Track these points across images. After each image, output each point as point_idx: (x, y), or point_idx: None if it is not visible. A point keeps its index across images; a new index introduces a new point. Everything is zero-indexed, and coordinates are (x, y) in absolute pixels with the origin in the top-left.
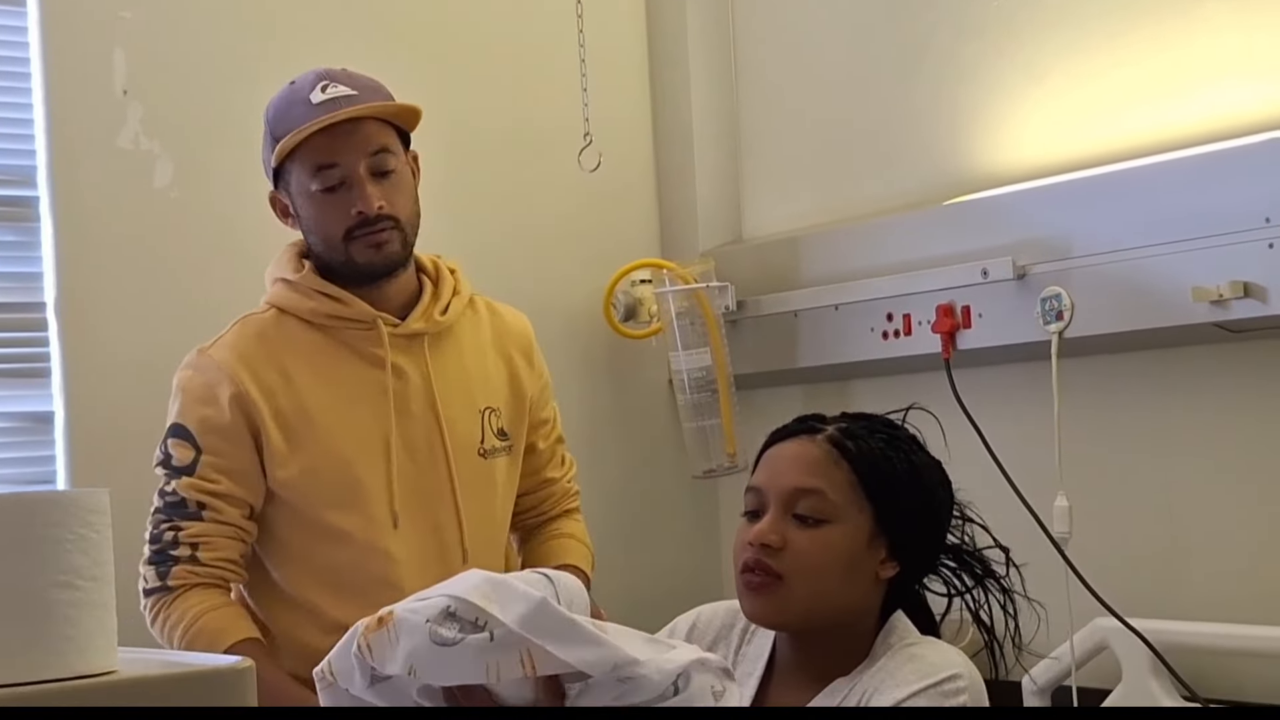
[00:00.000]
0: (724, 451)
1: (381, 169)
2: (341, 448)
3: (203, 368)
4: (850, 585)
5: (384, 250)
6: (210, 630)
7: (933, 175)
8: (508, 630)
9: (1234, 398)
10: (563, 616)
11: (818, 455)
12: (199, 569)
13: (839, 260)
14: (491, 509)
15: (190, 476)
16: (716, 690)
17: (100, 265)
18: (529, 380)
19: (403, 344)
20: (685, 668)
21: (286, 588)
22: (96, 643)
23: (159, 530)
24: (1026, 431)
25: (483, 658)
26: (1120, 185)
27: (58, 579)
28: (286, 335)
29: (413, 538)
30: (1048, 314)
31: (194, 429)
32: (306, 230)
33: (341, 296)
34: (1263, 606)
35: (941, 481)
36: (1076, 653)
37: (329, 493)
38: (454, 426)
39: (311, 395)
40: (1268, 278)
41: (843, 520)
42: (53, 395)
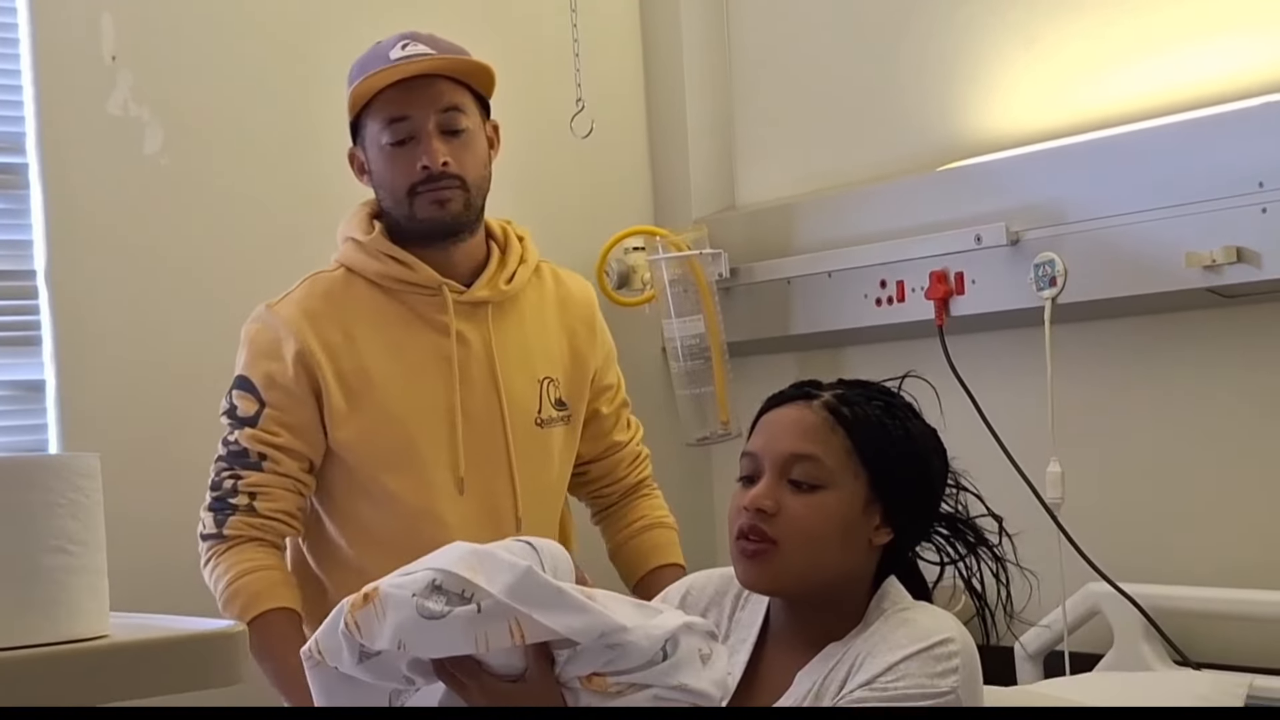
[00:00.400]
0: (717, 419)
1: (451, 127)
2: (400, 412)
3: (269, 323)
4: (844, 552)
5: (446, 208)
6: (248, 592)
7: (926, 141)
8: (495, 601)
9: (1227, 363)
10: (549, 585)
11: (814, 421)
12: (255, 520)
13: (832, 227)
14: (547, 478)
15: (253, 428)
16: (704, 653)
17: (90, 232)
18: (590, 350)
19: (467, 311)
20: (673, 633)
21: (343, 548)
22: (88, 607)
23: (220, 478)
24: (1019, 397)
25: (471, 629)
26: (1114, 150)
27: (49, 543)
28: (353, 296)
29: (467, 504)
30: (1041, 280)
31: (258, 382)
32: (377, 185)
33: (408, 261)
34: (1254, 571)
35: (936, 450)
36: (1069, 618)
37: (385, 456)
38: (512, 395)
39: (374, 358)
40: (1261, 242)
41: (838, 486)
42: (44, 363)
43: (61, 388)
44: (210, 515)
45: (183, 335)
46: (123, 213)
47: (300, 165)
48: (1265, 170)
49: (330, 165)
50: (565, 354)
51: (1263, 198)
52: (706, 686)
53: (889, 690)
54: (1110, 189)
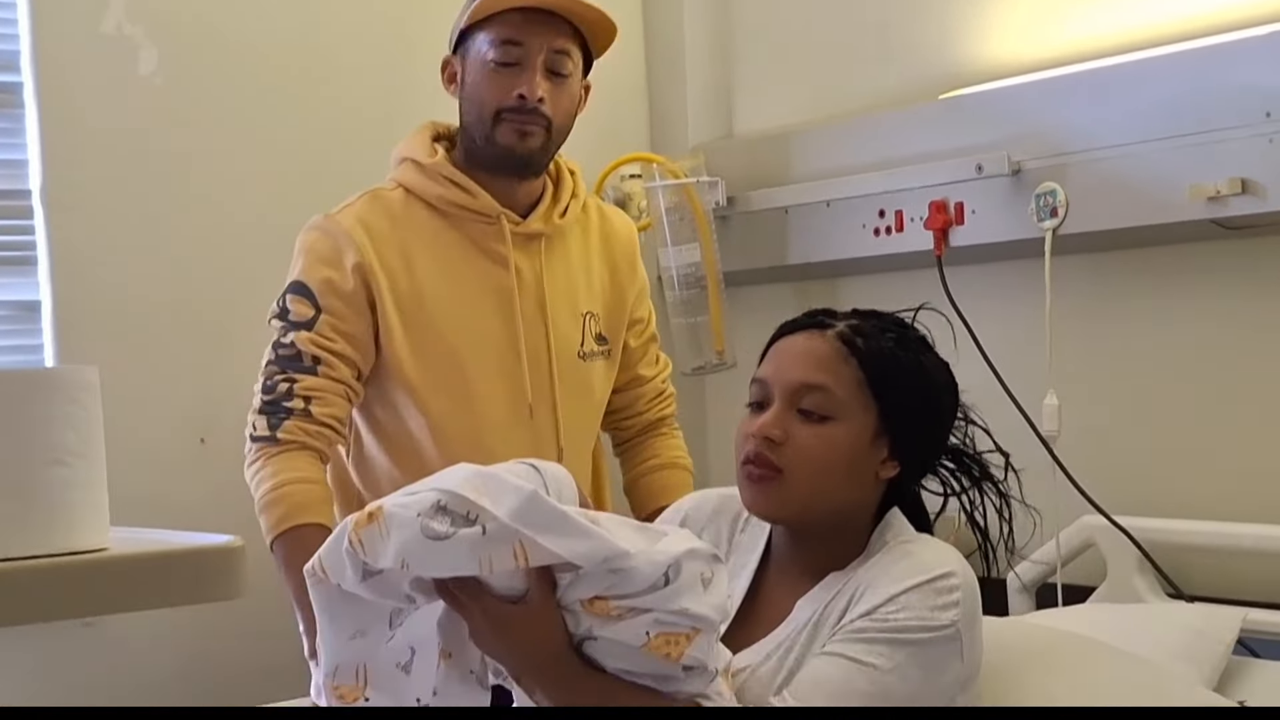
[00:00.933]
0: (712, 348)
1: (557, 69)
2: (454, 339)
3: (330, 231)
4: (850, 483)
5: (526, 141)
6: (290, 502)
7: (927, 69)
8: (500, 524)
9: (1229, 296)
10: (554, 509)
11: (826, 351)
12: (310, 425)
13: (831, 156)
14: (587, 410)
15: (309, 331)
16: (705, 577)
17: (85, 152)
18: (630, 286)
19: (521, 242)
20: (676, 559)
21: (388, 466)
22: (87, 520)
23: (273, 381)
24: (1018, 329)
25: (476, 551)
26: (1118, 79)
27: (48, 455)
28: (411, 217)
29: (512, 433)
30: (1042, 210)
31: (316, 289)
32: (465, 99)
33: (470, 187)
34: (1249, 505)
35: (948, 385)
36: (1062, 550)
37: (436, 381)
38: (558, 328)
39: (429, 282)
40: (1267, 174)
41: (847, 418)
42: (39, 283)
43: (57, 307)
44: (264, 418)
45: (177, 254)
46: (118, 133)
47: (298, 85)
48: (1273, 100)
49: (328, 83)
50: (607, 289)
51: (1270, 128)
52: (707, 611)
53: (889, 621)
54: (1114, 118)
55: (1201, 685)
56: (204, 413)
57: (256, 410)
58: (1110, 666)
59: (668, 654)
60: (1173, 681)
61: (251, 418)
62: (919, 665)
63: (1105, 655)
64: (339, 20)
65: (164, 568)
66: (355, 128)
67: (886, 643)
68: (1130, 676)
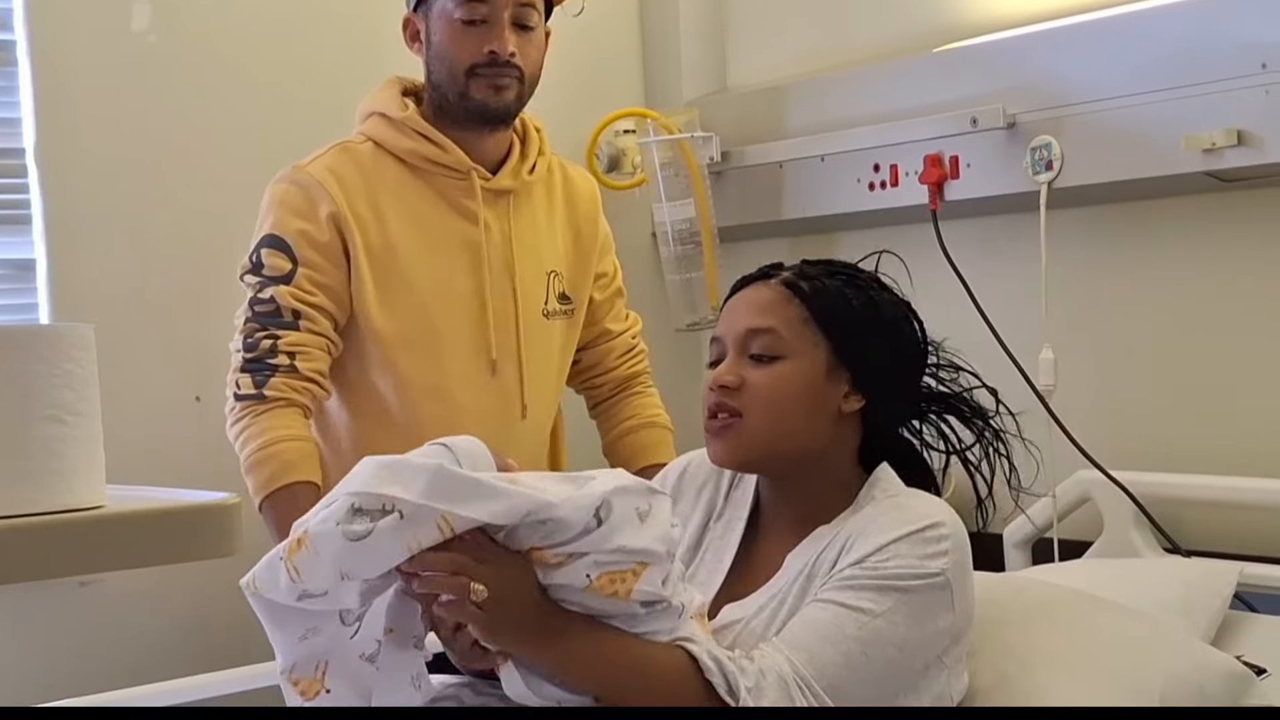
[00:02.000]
0: (707, 304)
1: (523, 21)
2: (424, 293)
3: (301, 182)
4: (812, 419)
5: (501, 95)
6: (281, 460)
7: (921, 21)
8: (414, 505)
9: (1225, 248)
10: (465, 477)
11: (770, 296)
12: (296, 380)
13: (825, 110)
14: (550, 367)
15: (287, 285)
16: (641, 510)
17: (80, 110)
18: (592, 245)
19: (490, 199)
20: (603, 498)
21: (349, 422)
22: (84, 477)
23: (254, 339)
24: (1013, 283)
25: (400, 536)
26: (1114, 30)
27: (44, 413)
28: (381, 171)
29: (480, 388)
30: (1037, 164)
31: (291, 241)
32: (433, 57)
33: (441, 142)
34: (1245, 459)
35: (905, 316)
36: (1059, 505)
37: (406, 335)
38: (524, 285)
39: (399, 235)
40: (1263, 125)
41: (796, 355)
42: (34, 242)
43: (52, 266)
44: (248, 376)
45: (172, 212)
46: (112, 90)
47: (291, 41)
48: (1269, 51)
49: (322, 40)
50: (570, 248)
51: (1266, 79)
52: (647, 543)
53: (879, 569)
54: (1109, 70)
55: (1199, 639)
56: (199, 371)
57: (238, 369)
58: (1107, 621)
59: (615, 592)
60: (1169, 636)
61: (233, 376)
62: (908, 612)
63: (1102, 610)
64: None
65: (160, 525)
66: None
67: (876, 589)
68: (1127, 631)
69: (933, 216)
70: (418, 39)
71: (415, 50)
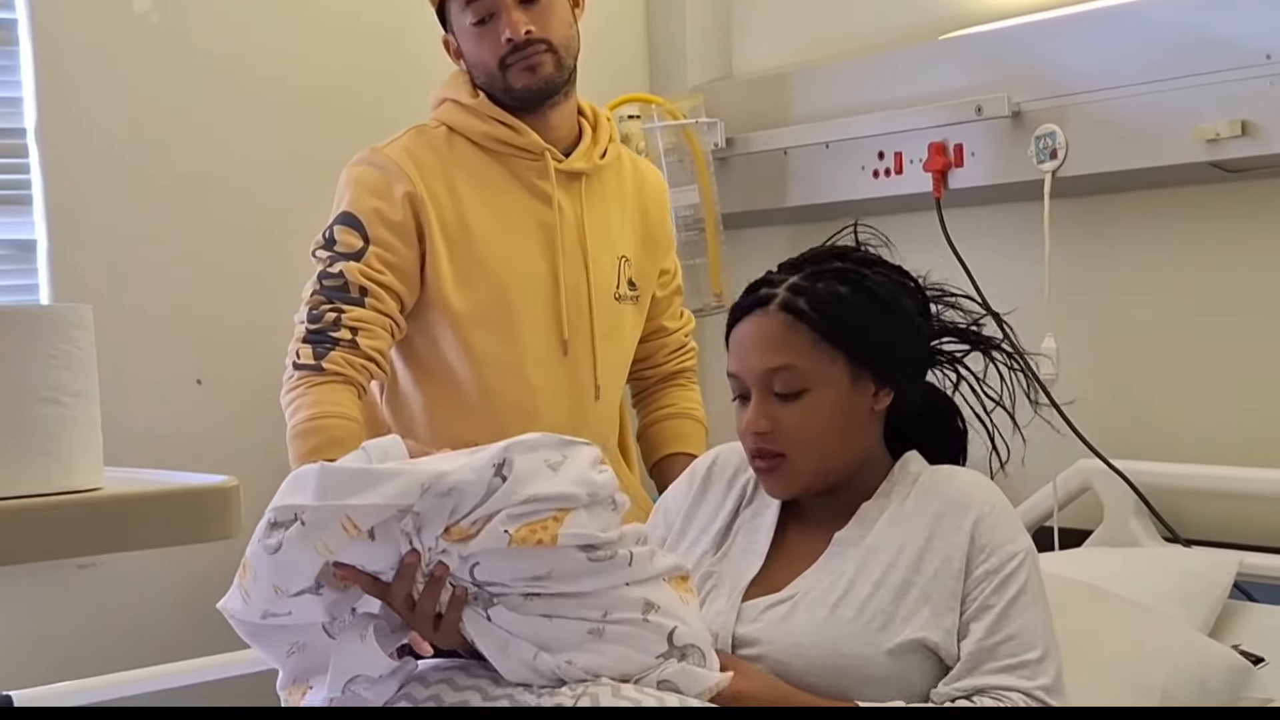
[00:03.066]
0: (711, 291)
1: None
2: (499, 272)
3: (378, 163)
4: (851, 434)
5: (539, 72)
6: (326, 435)
7: (927, 9)
8: (310, 508)
9: (1229, 239)
10: (351, 470)
11: (774, 328)
12: (355, 357)
13: (830, 97)
14: (620, 350)
15: (357, 262)
16: (552, 461)
17: (81, 90)
18: (660, 235)
19: (564, 180)
20: (501, 455)
21: (421, 401)
22: (82, 459)
23: (319, 311)
24: (1017, 272)
25: (307, 541)
26: (1119, 20)
27: (42, 394)
28: (456, 152)
29: (555, 368)
30: (1042, 153)
31: (365, 220)
32: (471, 67)
33: (514, 124)
34: (1246, 448)
35: (904, 289)
36: (1059, 494)
37: (482, 314)
38: (598, 267)
39: (475, 215)
40: (1268, 116)
41: (820, 382)
42: (35, 222)
43: (53, 247)
44: (309, 347)
45: (173, 193)
46: (113, 70)
47: (290, 22)
48: (1273, 42)
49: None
50: (639, 236)
51: (1270, 70)
52: (562, 488)
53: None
54: (1114, 60)
55: (1197, 630)
56: (201, 353)
57: (300, 339)
58: (1109, 614)
59: (540, 540)
60: (1171, 629)
61: (295, 345)
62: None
63: (1103, 602)
64: None
65: (158, 507)
66: (354, 64)
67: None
68: (1128, 624)
69: (937, 204)
70: (459, 55)
71: (460, 66)
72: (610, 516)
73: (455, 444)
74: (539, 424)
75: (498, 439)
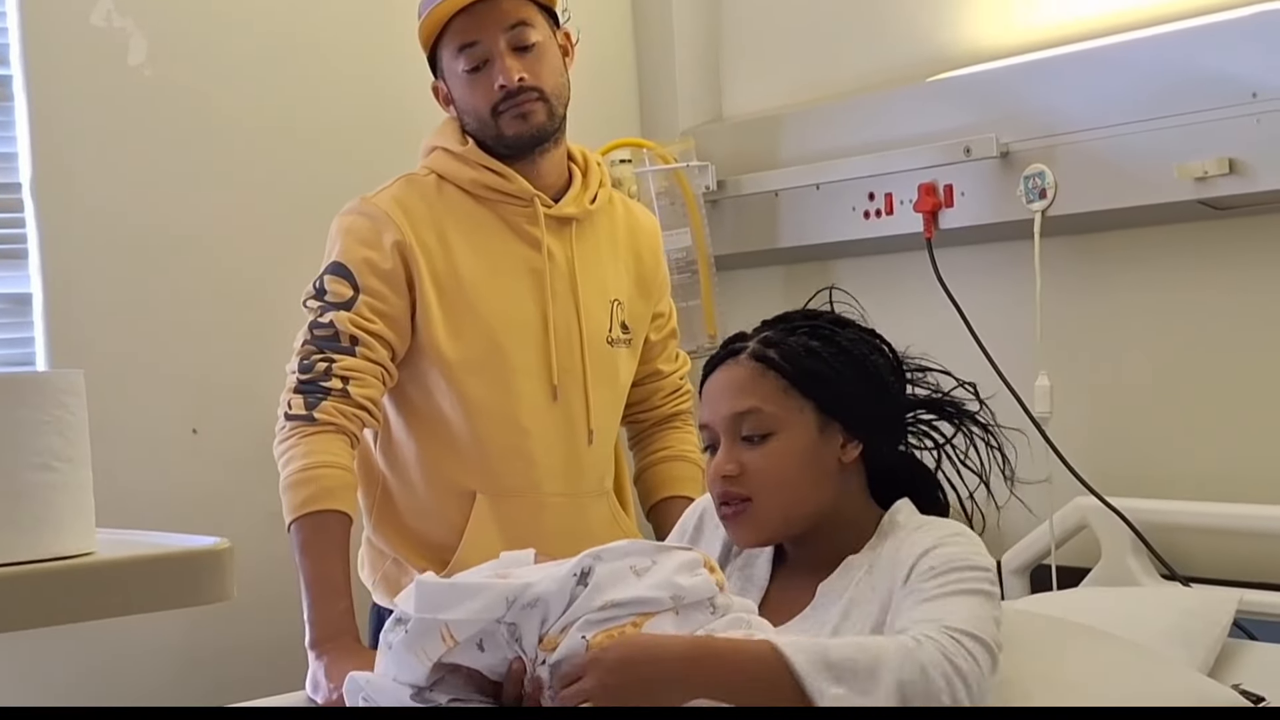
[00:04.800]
0: (704, 332)
1: (521, 43)
2: (490, 318)
3: (367, 213)
4: (817, 482)
5: (530, 120)
6: (318, 485)
7: (915, 51)
8: (414, 618)
9: (1218, 276)
10: (444, 585)
11: (744, 375)
12: (346, 406)
13: (820, 139)
14: (614, 395)
15: (347, 311)
16: (639, 567)
17: (76, 144)
18: (654, 279)
19: (554, 226)
20: (581, 563)
21: (414, 449)
22: (74, 524)
23: (310, 360)
24: (1008, 311)
25: (410, 648)
26: (1105, 60)
27: (33, 460)
28: (446, 201)
29: (548, 414)
30: (1031, 192)
31: (355, 269)
32: (462, 113)
33: (503, 171)
34: (1243, 485)
35: (875, 348)
36: (1056, 532)
37: (473, 360)
38: (589, 312)
39: (465, 263)
40: (1254, 154)
41: (786, 427)
42: (30, 276)
43: (48, 301)
44: (300, 397)
45: (169, 246)
46: (108, 124)
47: (288, 74)
48: (1259, 81)
49: (319, 72)
50: (632, 280)
51: (1256, 108)
52: (641, 593)
53: (952, 562)
54: (1102, 100)
55: (1197, 670)
56: (197, 403)
57: (292, 389)
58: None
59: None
60: (1170, 669)
61: (286, 396)
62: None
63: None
64: (330, 8)
65: (151, 571)
66: (346, 117)
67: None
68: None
69: (928, 245)
70: (449, 101)
71: (450, 112)
72: (704, 619)
73: (449, 491)
74: (534, 470)
75: (491, 484)
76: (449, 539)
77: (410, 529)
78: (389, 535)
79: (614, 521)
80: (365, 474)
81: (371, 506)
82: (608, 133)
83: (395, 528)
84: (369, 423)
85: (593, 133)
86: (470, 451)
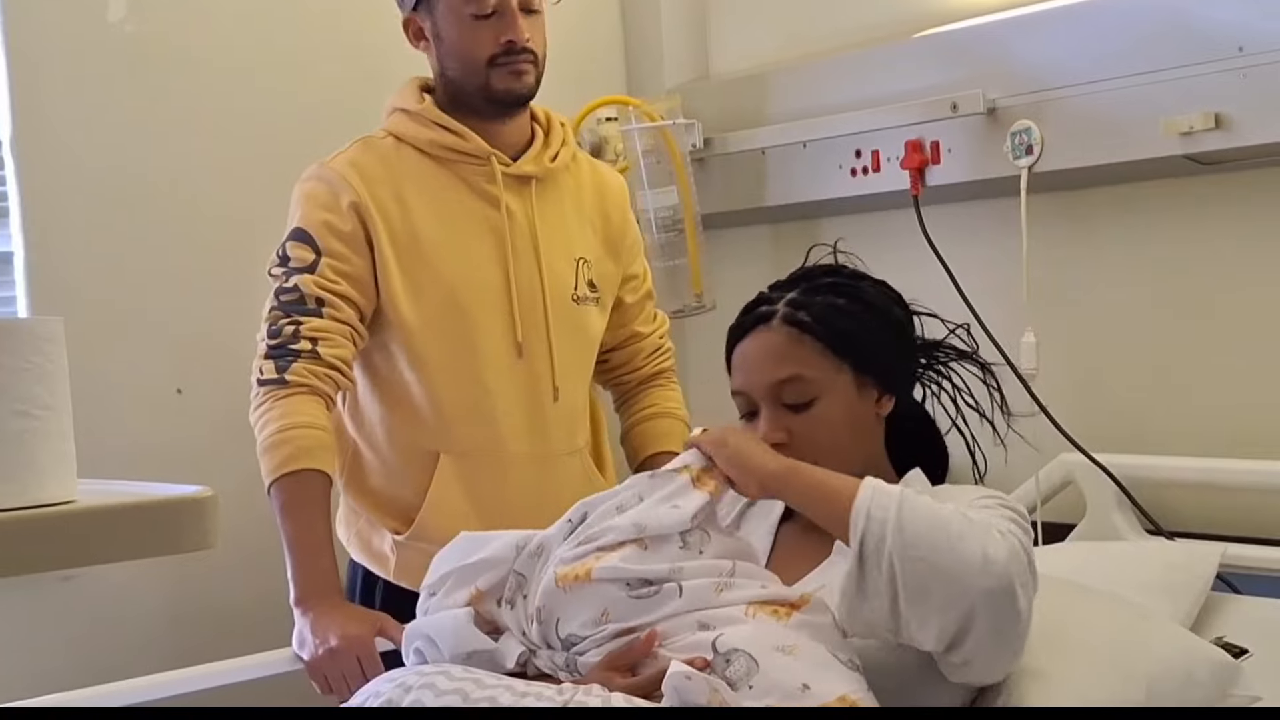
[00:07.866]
0: (691, 292)
1: (530, 6)
2: (451, 278)
3: (325, 177)
4: (860, 439)
5: (523, 79)
6: (295, 445)
7: (902, 7)
8: (440, 576)
9: (1204, 231)
10: (457, 541)
11: (780, 341)
12: (317, 367)
13: (807, 96)
14: (581, 353)
15: (311, 274)
16: (625, 504)
17: (56, 101)
18: (622, 238)
19: (513, 184)
20: (580, 509)
21: (380, 412)
22: (54, 472)
23: (277, 325)
24: (995, 267)
25: (449, 595)
26: (1092, 15)
27: (14, 407)
28: (404, 162)
29: (512, 372)
30: (1017, 149)
31: (315, 233)
32: (445, 54)
33: (460, 130)
34: (1227, 440)
35: (894, 300)
36: (1042, 488)
37: (435, 321)
38: (552, 270)
39: (424, 223)
40: (1240, 109)
41: (828, 390)
42: (11, 234)
43: (30, 258)
44: (270, 362)
45: (150, 204)
46: (88, 81)
47: (266, 30)
48: (1244, 35)
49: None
50: (599, 238)
51: (1242, 63)
52: (612, 525)
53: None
54: (1088, 55)
55: (1180, 622)
56: (180, 362)
57: (263, 356)
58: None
59: (577, 576)
60: (1157, 621)
61: (257, 363)
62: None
63: (1088, 596)
64: None
65: (132, 519)
66: (329, 70)
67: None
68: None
69: (914, 202)
70: (422, 36)
71: (422, 48)
72: (674, 553)
73: (412, 452)
74: (495, 428)
75: (453, 445)
76: (414, 500)
77: (378, 491)
78: (359, 496)
79: (587, 481)
80: (338, 438)
81: (343, 468)
82: (593, 90)
83: (365, 489)
84: (341, 383)
85: (578, 90)
86: (430, 412)
